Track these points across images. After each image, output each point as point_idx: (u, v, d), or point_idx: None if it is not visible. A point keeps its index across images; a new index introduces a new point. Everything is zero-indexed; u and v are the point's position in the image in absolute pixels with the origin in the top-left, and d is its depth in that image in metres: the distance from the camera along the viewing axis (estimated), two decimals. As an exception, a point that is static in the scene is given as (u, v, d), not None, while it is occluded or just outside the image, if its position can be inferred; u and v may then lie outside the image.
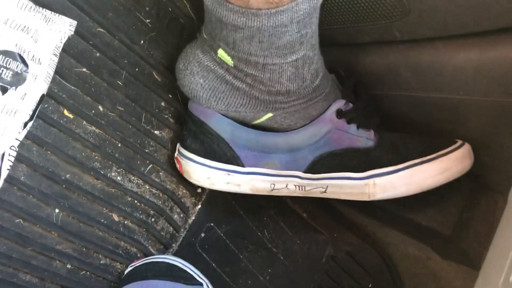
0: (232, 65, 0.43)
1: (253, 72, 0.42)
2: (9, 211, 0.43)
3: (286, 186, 0.50)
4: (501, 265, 0.28)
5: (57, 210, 0.46)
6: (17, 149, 0.40)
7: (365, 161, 0.49)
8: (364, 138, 0.49)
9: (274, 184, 0.49)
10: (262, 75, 0.42)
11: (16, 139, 0.39)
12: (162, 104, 0.52)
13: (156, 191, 0.51)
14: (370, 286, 0.63)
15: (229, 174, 0.49)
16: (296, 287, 0.60)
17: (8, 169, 0.39)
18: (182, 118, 0.53)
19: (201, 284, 0.48)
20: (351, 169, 0.48)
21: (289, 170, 0.49)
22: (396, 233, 0.62)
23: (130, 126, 0.49)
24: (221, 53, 0.43)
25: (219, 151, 0.48)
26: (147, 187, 0.51)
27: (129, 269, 0.49)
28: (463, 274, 0.60)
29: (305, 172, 0.49)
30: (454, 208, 0.55)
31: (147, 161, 0.51)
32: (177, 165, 0.51)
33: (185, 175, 0.50)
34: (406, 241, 0.62)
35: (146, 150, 0.51)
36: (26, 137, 0.42)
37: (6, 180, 0.42)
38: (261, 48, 0.38)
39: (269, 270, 0.59)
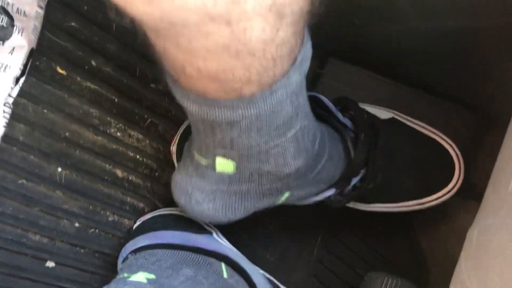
0: (234, 170, 0.40)
1: (258, 165, 0.39)
2: (11, 172, 0.43)
3: None
4: (509, 171, 0.27)
5: (59, 169, 0.45)
6: (11, 106, 0.39)
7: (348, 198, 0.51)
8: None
9: None
10: (267, 164, 0.39)
11: (9, 95, 0.39)
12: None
13: (157, 145, 0.51)
14: (379, 228, 0.63)
15: None
16: (305, 234, 0.60)
17: (4, 127, 0.39)
18: (177, 70, 0.52)
19: (211, 233, 0.48)
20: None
21: None
22: (402, 172, 0.62)
23: (125, 80, 0.49)
24: (219, 162, 0.39)
25: None
26: (148, 141, 0.50)
27: (137, 223, 0.49)
28: (472, 209, 0.60)
29: None
30: (461, 143, 0.54)
31: (145, 116, 0.50)
32: (172, 156, 0.51)
33: None
34: (413, 179, 0.62)
35: (143, 105, 0.50)
36: (21, 96, 0.42)
37: (5, 141, 0.42)
38: (261, 135, 0.36)
39: (278, 218, 0.59)
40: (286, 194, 0.45)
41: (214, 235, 0.47)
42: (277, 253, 0.58)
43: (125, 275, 0.38)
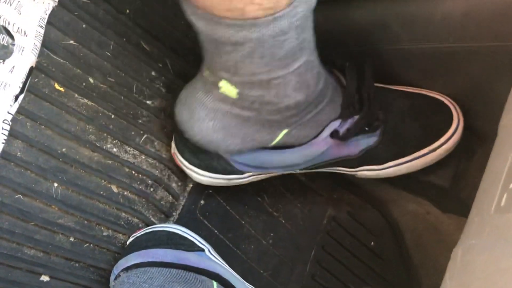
0: (237, 96, 0.42)
1: (259, 93, 0.41)
2: (8, 187, 0.43)
3: (282, 174, 0.54)
4: (492, 193, 0.28)
5: (56, 184, 0.46)
6: (10, 123, 0.40)
7: (360, 160, 0.51)
8: (365, 140, 0.50)
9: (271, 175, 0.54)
10: (268, 94, 0.41)
11: (8, 112, 0.39)
12: (153, 73, 0.52)
13: (153, 161, 0.52)
14: (372, 244, 0.64)
15: (230, 180, 0.52)
16: (299, 248, 0.61)
17: (2, 143, 0.39)
18: (173, 87, 0.53)
19: (203, 250, 0.48)
20: (345, 166, 0.52)
21: (285, 171, 0.53)
22: (394, 189, 0.63)
23: (122, 97, 0.49)
24: (223, 85, 0.42)
25: (219, 167, 0.50)
26: (143, 157, 0.51)
27: (131, 239, 0.49)
28: (463, 225, 0.61)
29: (300, 170, 0.52)
30: (450, 160, 0.55)
31: (141, 132, 0.51)
32: (175, 161, 0.52)
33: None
34: (405, 196, 0.63)
35: (140, 121, 0.51)
36: (19, 112, 0.42)
37: (2, 157, 0.42)
38: (264, 64, 0.38)
39: (272, 234, 0.60)
40: (285, 131, 0.46)
41: (207, 252, 0.48)
42: (270, 269, 0.59)
43: (118, 292, 0.39)
